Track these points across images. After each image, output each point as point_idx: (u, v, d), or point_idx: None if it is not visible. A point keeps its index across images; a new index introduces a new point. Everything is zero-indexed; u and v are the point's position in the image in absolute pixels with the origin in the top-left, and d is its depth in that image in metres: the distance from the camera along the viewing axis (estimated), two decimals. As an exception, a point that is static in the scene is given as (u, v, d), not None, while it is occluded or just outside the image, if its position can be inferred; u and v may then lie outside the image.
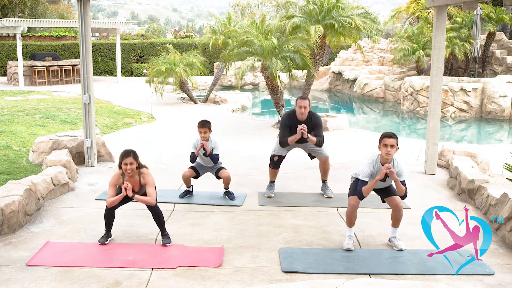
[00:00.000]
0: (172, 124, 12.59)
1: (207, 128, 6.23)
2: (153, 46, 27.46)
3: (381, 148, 4.79)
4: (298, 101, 6.28)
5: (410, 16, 24.92)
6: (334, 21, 11.71)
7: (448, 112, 15.65)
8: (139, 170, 5.04)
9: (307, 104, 6.23)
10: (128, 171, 4.92)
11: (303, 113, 6.21)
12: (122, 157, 4.95)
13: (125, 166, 4.91)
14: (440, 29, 7.70)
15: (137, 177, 5.03)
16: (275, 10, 36.43)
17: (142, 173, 5.04)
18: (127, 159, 4.91)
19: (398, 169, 4.83)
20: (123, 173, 5.00)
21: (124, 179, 5.00)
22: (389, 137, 4.75)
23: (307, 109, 6.24)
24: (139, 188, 5.04)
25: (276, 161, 6.57)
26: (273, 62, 10.92)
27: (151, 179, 5.06)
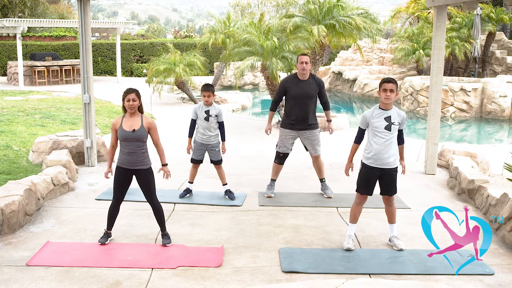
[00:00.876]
0: (172, 124, 12.59)
1: (211, 91, 6.19)
2: (153, 46, 27.46)
3: (381, 93, 4.82)
4: (299, 57, 6.29)
5: (410, 16, 24.93)
6: (334, 21, 11.71)
7: (448, 112, 15.65)
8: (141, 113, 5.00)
9: (308, 60, 6.23)
10: (130, 107, 4.87)
11: (305, 68, 6.20)
12: (125, 93, 4.90)
13: (128, 102, 4.86)
14: (440, 29, 7.70)
15: (138, 117, 4.96)
16: (275, 10, 36.43)
17: (144, 116, 4.99)
18: (130, 95, 4.87)
19: (401, 118, 4.86)
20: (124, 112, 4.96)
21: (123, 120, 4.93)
22: (388, 81, 4.78)
23: (309, 65, 6.24)
24: (140, 127, 4.92)
25: (281, 156, 6.58)
26: (273, 62, 10.92)
27: (154, 123, 5.02)
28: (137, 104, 4.91)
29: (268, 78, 11.54)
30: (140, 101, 4.96)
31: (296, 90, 6.32)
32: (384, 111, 4.83)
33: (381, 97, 4.81)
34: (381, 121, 4.80)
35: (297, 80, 6.34)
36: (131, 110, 4.89)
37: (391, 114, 4.82)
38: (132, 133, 4.85)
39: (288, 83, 6.40)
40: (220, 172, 6.48)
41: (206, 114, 6.21)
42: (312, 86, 6.34)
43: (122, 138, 4.89)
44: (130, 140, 4.87)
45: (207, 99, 6.16)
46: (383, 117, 4.81)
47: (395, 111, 4.86)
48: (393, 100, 4.83)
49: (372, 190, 4.98)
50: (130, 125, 4.88)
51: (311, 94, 6.34)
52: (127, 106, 4.88)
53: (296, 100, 6.35)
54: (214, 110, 6.24)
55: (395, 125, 4.81)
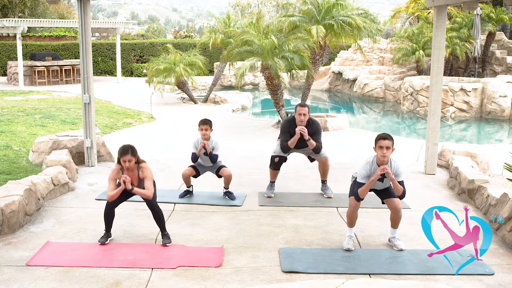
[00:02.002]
0: (172, 124, 12.59)
1: (208, 125, 6.22)
2: (153, 46, 27.46)
3: (377, 150, 4.80)
4: (298, 108, 6.27)
5: (410, 16, 24.92)
6: (333, 21, 11.70)
7: (448, 112, 15.65)
8: (138, 165, 5.03)
9: (306, 112, 6.23)
10: (127, 168, 4.92)
11: (303, 120, 6.21)
12: (120, 154, 4.93)
13: (124, 163, 4.91)
14: (440, 29, 7.70)
15: (136, 172, 5.02)
16: (275, 10, 36.43)
17: (141, 167, 5.04)
18: (125, 156, 4.90)
19: (395, 170, 4.84)
20: (122, 167, 5.00)
21: (123, 173, 4.99)
22: (384, 139, 4.75)
23: (307, 117, 6.24)
24: (138, 182, 5.02)
25: (276, 162, 6.57)
26: (275, 61, 10.91)
27: (150, 173, 5.05)
28: (133, 163, 4.96)
29: (268, 78, 11.53)
30: (136, 156, 5.00)
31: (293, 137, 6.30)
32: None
33: (378, 154, 4.80)
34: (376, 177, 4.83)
35: (294, 126, 6.28)
36: (127, 170, 4.96)
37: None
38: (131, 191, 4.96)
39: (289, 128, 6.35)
40: (226, 175, 6.39)
41: (205, 150, 6.25)
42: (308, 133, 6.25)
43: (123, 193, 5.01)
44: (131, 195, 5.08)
45: (205, 133, 6.19)
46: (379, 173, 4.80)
47: (391, 164, 4.85)
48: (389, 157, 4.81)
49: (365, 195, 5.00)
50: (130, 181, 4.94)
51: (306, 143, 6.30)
52: (123, 166, 4.95)
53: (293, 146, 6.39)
54: (211, 144, 6.30)
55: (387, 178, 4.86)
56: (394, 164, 4.86)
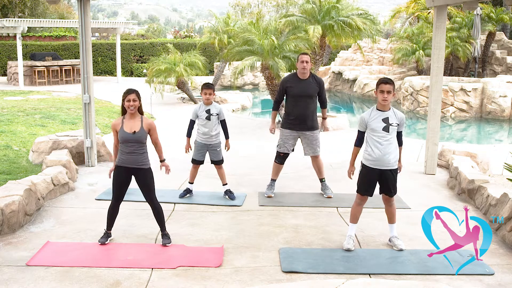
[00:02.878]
0: (172, 124, 12.59)
1: (212, 89, 6.20)
2: (153, 46, 27.46)
3: (378, 94, 4.81)
4: (300, 56, 6.26)
5: (410, 16, 24.93)
6: (333, 22, 11.71)
7: (448, 112, 15.65)
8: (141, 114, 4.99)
9: (309, 59, 6.20)
10: (130, 107, 4.86)
11: (305, 68, 6.17)
12: (125, 94, 4.89)
13: (128, 102, 4.86)
14: (440, 29, 7.70)
15: (138, 118, 4.96)
16: (275, 10, 36.43)
17: (144, 118, 4.99)
18: (130, 95, 4.86)
19: (400, 120, 4.84)
20: (123, 113, 4.95)
21: (123, 122, 4.92)
22: (386, 83, 4.76)
23: (309, 65, 6.21)
24: (140, 129, 4.92)
25: (282, 156, 6.58)
26: (276, 61, 10.91)
27: (153, 123, 5.02)
28: (137, 105, 4.91)
29: (268, 78, 11.53)
30: (140, 101, 4.96)
31: (296, 89, 6.31)
32: (381, 112, 4.82)
33: (378, 98, 4.81)
34: (378, 122, 4.80)
35: (297, 79, 6.34)
36: (131, 111, 4.88)
37: (389, 115, 4.81)
38: (132, 135, 4.86)
39: (288, 83, 6.39)
40: (220, 172, 6.48)
41: (207, 114, 6.20)
42: (312, 85, 6.34)
43: (123, 139, 4.89)
44: (131, 141, 4.89)
45: (208, 97, 6.16)
46: (380, 118, 4.80)
47: (392, 112, 4.85)
48: (390, 101, 4.82)
49: (372, 191, 4.98)
50: (130, 126, 4.88)
51: (311, 94, 6.33)
52: (127, 106, 4.88)
53: (296, 99, 6.35)
54: (214, 109, 6.25)
55: (393, 126, 4.80)
56: (398, 114, 4.87)
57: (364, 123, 4.89)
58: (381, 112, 4.82)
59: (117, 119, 5.04)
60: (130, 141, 4.88)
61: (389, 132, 4.81)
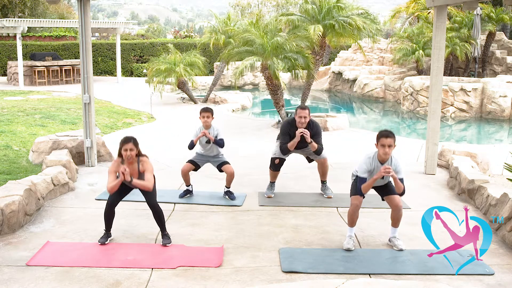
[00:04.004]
0: (172, 124, 12.59)
1: (210, 113, 6.21)
2: (153, 46, 27.46)
3: (379, 148, 4.80)
4: (298, 111, 6.23)
5: (410, 16, 24.93)
6: (334, 21, 11.71)
7: (448, 112, 15.65)
8: (138, 158, 5.01)
9: (307, 114, 6.20)
10: (128, 157, 4.88)
11: (303, 122, 6.18)
12: (122, 143, 4.91)
13: (125, 152, 4.88)
14: (440, 29, 7.70)
15: (136, 165, 4.99)
16: (275, 10, 36.43)
17: (141, 160, 5.01)
18: (127, 145, 4.88)
19: (395, 167, 4.83)
20: (122, 160, 4.98)
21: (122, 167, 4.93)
22: (386, 136, 4.74)
23: (307, 119, 6.21)
24: (138, 176, 4.98)
25: (277, 164, 6.56)
26: (274, 62, 10.91)
27: (150, 166, 5.03)
28: (134, 154, 4.94)
29: (268, 78, 11.53)
30: (138, 148, 4.98)
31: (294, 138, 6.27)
32: (381, 165, 4.83)
33: (379, 151, 4.79)
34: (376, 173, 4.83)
35: (295, 128, 6.25)
36: (128, 160, 4.93)
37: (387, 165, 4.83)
38: (130, 183, 4.92)
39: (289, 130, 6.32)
40: (229, 173, 6.35)
41: (207, 138, 6.23)
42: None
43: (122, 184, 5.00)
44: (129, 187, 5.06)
45: (206, 120, 6.18)
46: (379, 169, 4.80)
47: (390, 162, 4.85)
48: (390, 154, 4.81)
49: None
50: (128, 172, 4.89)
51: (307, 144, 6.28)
52: (124, 156, 4.92)
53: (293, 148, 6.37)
54: (213, 131, 6.28)
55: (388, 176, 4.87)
56: (395, 161, 4.86)
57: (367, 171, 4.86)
58: (381, 165, 4.83)
59: (115, 163, 5.02)
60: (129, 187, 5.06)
61: (383, 179, 4.97)
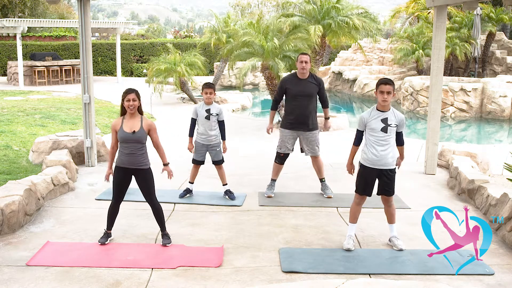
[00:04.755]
0: (172, 124, 12.59)
1: (212, 89, 6.20)
2: (153, 46, 27.46)
3: (378, 95, 4.80)
4: (299, 56, 6.25)
5: (410, 16, 24.93)
6: (332, 21, 11.71)
7: (448, 112, 15.65)
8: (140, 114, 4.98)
9: (308, 59, 6.19)
10: (130, 107, 4.85)
11: (305, 68, 6.16)
12: (125, 93, 4.88)
13: (128, 102, 4.84)
14: (440, 29, 7.70)
15: (138, 118, 4.94)
16: (275, 10, 36.42)
17: (143, 118, 4.97)
18: (130, 95, 4.85)
19: (399, 120, 4.83)
20: (123, 113, 4.94)
21: (123, 121, 4.91)
22: (385, 83, 4.75)
23: (308, 65, 6.20)
24: (139, 128, 4.91)
25: (282, 156, 6.58)
26: (276, 62, 10.91)
27: (153, 124, 5.01)
28: (137, 104, 4.90)
29: (268, 78, 11.53)
30: (140, 101, 4.95)
31: (296, 89, 6.31)
32: (381, 113, 4.83)
33: (378, 99, 4.81)
34: (377, 122, 4.80)
35: (296, 79, 6.34)
36: (131, 110, 4.88)
37: (388, 115, 4.82)
38: (132, 135, 4.85)
39: (287, 83, 6.40)
40: (220, 172, 6.48)
41: (207, 113, 6.21)
42: (312, 85, 6.34)
43: (122, 139, 4.89)
44: (130, 141, 4.88)
45: (209, 96, 6.16)
46: (379, 118, 4.81)
47: (392, 113, 4.85)
48: (390, 101, 4.82)
49: (371, 190, 4.98)
50: (130, 126, 4.87)
51: (310, 93, 6.33)
52: (126, 106, 4.87)
53: (296, 99, 6.35)
54: (214, 109, 6.25)
55: (391, 126, 4.81)
56: (397, 114, 4.86)
57: (363, 122, 4.90)
58: (380, 113, 4.83)
59: (116, 119, 5.03)
60: (130, 141, 4.87)
61: (387, 133, 4.81)
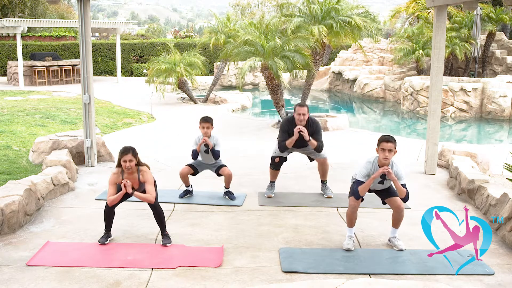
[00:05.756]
0: (172, 124, 12.59)
1: (210, 123, 6.21)
2: (153, 46, 27.46)
3: (379, 152, 4.76)
4: (297, 108, 6.24)
5: (410, 16, 24.92)
6: (332, 21, 11.71)
7: (448, 112, 15.65)
8: (138, 168, 5.03)
9: (305, 111, 6.20)
10: (127, 168, 4.90)
11: (302, 120, 6.18)
12: (121, 154, 4.92)
13: (124, 163, 4.89)
14: (440, 29, 7.70)
15: (136, 175, 5.02)
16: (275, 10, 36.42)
17: (141, 170, 5.03)
18: (126, 156, 4.89)
19: (396, 173, 4.79)
20: (122, 170, 5.00)
21: (123, 176, 4.99)
22: (387, 141, 4.71)
23: (306, 116, 6.21)
24: (139, 185, 5.02)
25: (277, 162, 6.56)
26: (275, 61, 10.92)
27: (151, 177, 5.05)
28: (134, 164, 4.94)
29: (268, 78, 11.53)
30: (137, 158, 4.99)
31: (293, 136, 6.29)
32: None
33: (380, 156, 4.76)
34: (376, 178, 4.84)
35: (294, 126, 6.25)
36: (128, 171, 4.94)
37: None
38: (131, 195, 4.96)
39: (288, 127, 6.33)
40: (227, 174, 6.37)
41: (206, 147, 6.24)
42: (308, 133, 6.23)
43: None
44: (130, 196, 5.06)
45: (206, 131, 6.17)
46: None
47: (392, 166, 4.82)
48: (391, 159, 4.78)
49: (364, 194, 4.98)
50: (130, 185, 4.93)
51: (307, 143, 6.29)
52: (124, 167, 4.93)
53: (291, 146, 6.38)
54: (212, 140, 6.28)
55: (388, 180, 4.90)
56: (396, 167, 4.81)
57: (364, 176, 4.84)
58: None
59: (115, 173, 5.01)
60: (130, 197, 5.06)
61: (383, 184, 4.97)
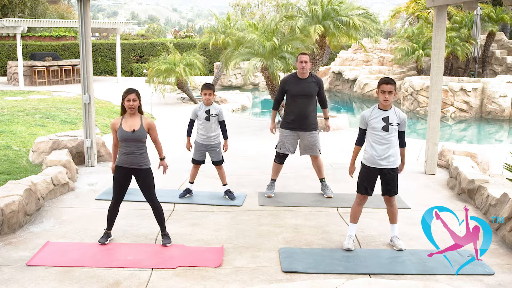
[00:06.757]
0: (172, 124, 12.59)
1: (212, 90, 6.19)
2: (153, 46, 27.46)
3: (379, 94, 4.81)
4: (299, 56, 6.27)
5: (410, 16, 24.93)
6: (331, 22, 11.72)
7: (448, 112, 15.65)
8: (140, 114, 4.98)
9: (308, 59, 6.21)
10: (130, 107, 4.85)
11: (305, 68, 6.19)
12: (125, 93, 4.87)
13: (128, 102, 4.84)
14: (440, 29, 7.70)
15: (138, 117, 4.94)
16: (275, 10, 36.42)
17: (143, 117, 4.98)
18: (130, 95, 4.85)
19: (400, 119, 4.83)
20: (123, 112, 4.94)
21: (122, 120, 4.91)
22: (387, 83, 4.76)
23: (308, 64, 6.22)
24: (139, 127, 4.91)
25: (282, 156, 6.58)
26: (273, 62, 10.93)
27: (153, 123, 5.00)
28: (137, 104, 4.90)
29: (268, 78, 11.55)
30: (140, 101, 4.95)
31: (296, 89, 6.32)
32: (382, 111, 4.83)
33: (380, 98, 4.81)
34: (379, 122, 4.80)
35: (296, 79, 6.36)
36: (131, 111, 4.88)
37: (389, 114, 4.82)
38: (131, 134, 4.85)
39: (288, 83, 6.41)
40: (220, 172, 6.48)
41: (207, 114, 6.21)
42: (312, 85, 6.35)
43: (122, 138, 4.89)
44: (130, 140, 4.87)
45: (208, 97, 6.15)
46: (381, 117, 4.81)
47: (393, 112, 4.85)
48: (391, 101, 4.82)
49: (372, 190, 4.98)
50: (129, 125, 4.87)
51: (310, 93, 6.35)
52: (127, 106, 4.87)
53: (296, 99, 6.36)
54: (214, 109, 6.24)
55: (393, 125, 4.80)
56: (399, 114, 4.86)
57: (364, 121, 4.90)
58: (382, 111, 4.83)
59: (116, 118, 5.03)
60: (129, 140, 4.87)
61: (388, 132, 4.80)
